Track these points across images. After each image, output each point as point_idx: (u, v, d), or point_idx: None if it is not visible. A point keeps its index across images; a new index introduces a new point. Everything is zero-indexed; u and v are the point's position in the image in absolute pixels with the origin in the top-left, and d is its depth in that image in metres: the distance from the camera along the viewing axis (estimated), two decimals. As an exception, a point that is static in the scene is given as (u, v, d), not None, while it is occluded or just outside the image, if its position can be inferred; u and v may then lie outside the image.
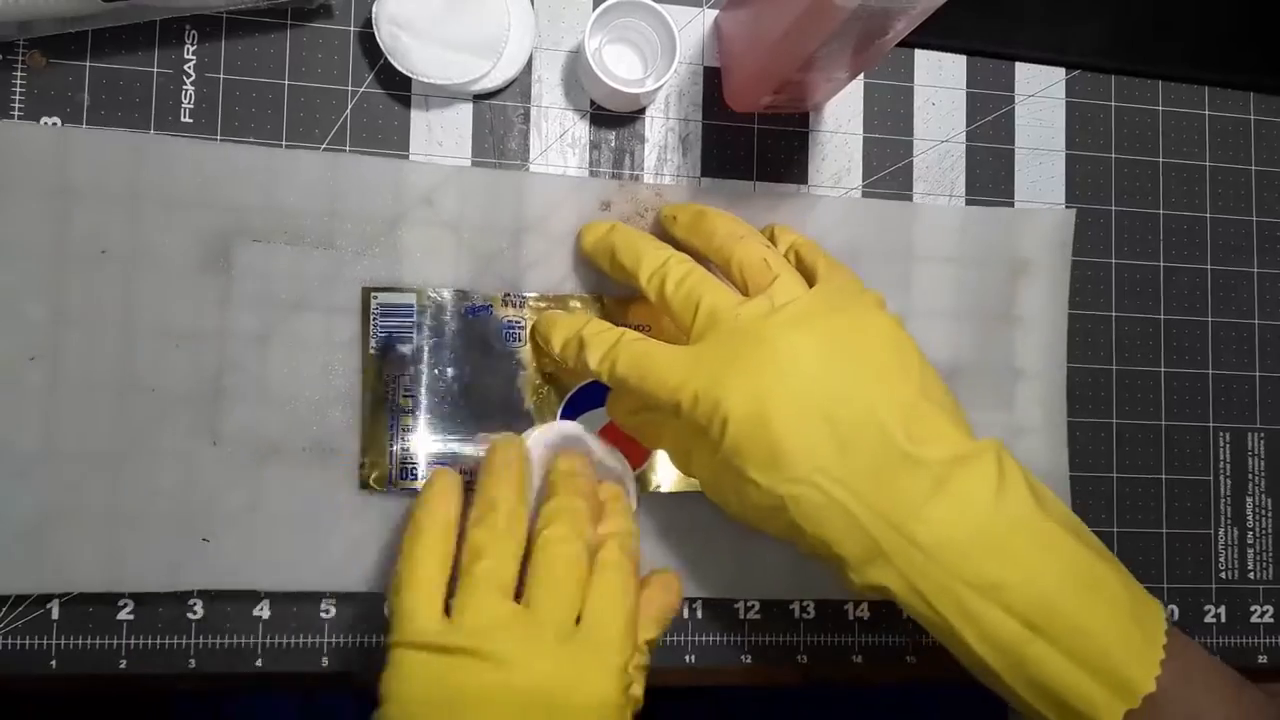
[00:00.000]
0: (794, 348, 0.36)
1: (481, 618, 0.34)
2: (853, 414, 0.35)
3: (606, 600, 0.36)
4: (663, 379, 0.37)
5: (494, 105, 0.45)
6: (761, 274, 0.38)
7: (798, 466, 0.35)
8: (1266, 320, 0.51)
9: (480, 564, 0.35)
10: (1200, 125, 0.51)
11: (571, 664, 0.34)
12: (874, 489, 0.34)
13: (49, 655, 0.42)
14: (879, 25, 0.35)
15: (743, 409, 0.35)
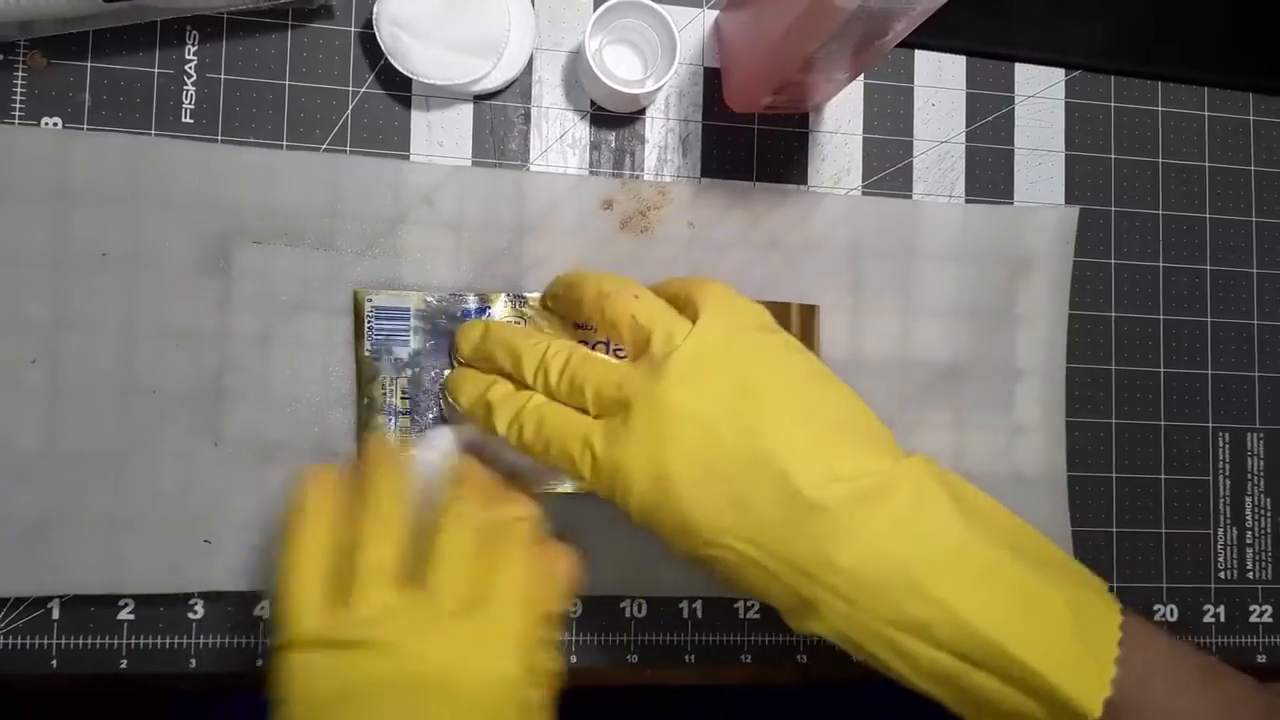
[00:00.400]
0: (682, 409, 0.35)
1: (370, 607, 0.33)
2: (751, 468, 0.34)
3: (501, 578, 0.35)
4: (565, 447, 0.36)
5: (494, 106, 0.45)
6: (635, 332, 0.37)
7: (706, 532, 0.34)
8: (1265, 321, 0.51)
9: (365, 554, 0.34)
10: (1199, 126, 0.51)
11: (467, 644, 0.34)
12: (784, 541, 0.34)
13: (49, 655, 0.42)
14: (879, 26, 0.35)
15: (643, 483, 0.35)
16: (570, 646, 0.45)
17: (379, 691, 0.33)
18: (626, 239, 0.45)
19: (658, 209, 0.45)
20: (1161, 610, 0.49)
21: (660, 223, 0.45)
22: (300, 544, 0.35)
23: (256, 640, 0.43)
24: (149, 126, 0.43)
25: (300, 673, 0.33)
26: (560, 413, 0.37)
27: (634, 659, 0.45)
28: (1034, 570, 0.34)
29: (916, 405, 0.47)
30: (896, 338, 0.47)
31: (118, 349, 0.41)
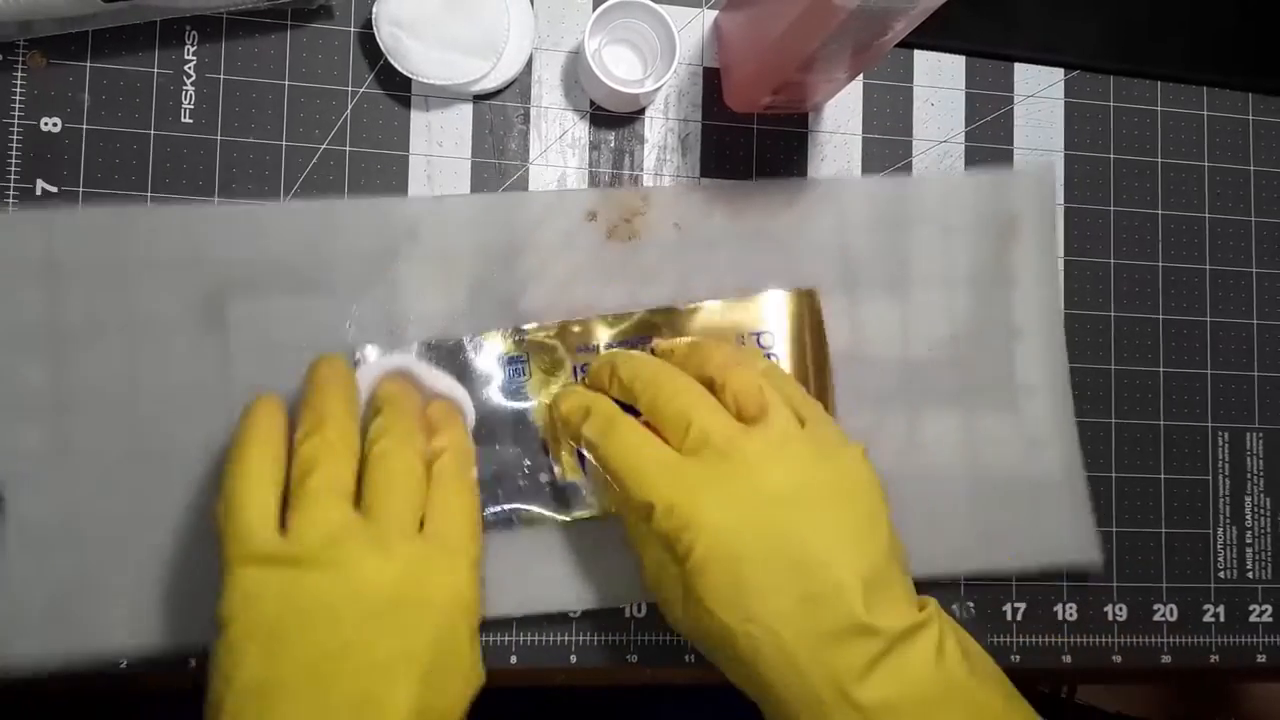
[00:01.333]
0: (778, 489, 0.36)
1: (320, 527, 0.34)
2: (822, 570, 0.35)
3: (447, 504, 0.36)
4: (645, 474, 0.37)
5: (494, 106, 0.45)
6: (757, 401, 0.38)
7: (759, 608, 0.35)
8: (1265, 320, 0.51)
9: (314, 476, 0.34)
10: (1199, 126, 0.51)
11: (419, 564, 0.34)
12: (827, 647, 0.34)
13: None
14: (878, 26, 0.35)
15: (714, 537, 0.35)
16: (570, 646, 0.45)
17: (331, 612, 0.33)
18: (615, 247, 0.45)
19: (642, 214, 0.45)
20: (1161, 610, 0.49)
21: (646, 228, 0.45)
22: (249, 462, 0.35)
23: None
24: (149, 126, 0.43)
25: (249, 591, 0.33)
26: (650, 440, 0.38)
27: (634, 659, 0.45)
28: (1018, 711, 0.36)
29: (921, 378, 0.47)
30: (894, 312, 0.47)
31: (125, 418, 0.41)
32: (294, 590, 0.33)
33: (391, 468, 0.36)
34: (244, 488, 0.34)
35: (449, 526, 0.36)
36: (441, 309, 0.43)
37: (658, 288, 0.45)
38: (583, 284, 0.44)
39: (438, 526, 0.35)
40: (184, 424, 0.41)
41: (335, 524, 0.34)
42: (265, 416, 0.36)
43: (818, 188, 0.47)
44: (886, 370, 0.46)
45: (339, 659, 0.32)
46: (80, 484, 0.41)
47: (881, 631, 0.34)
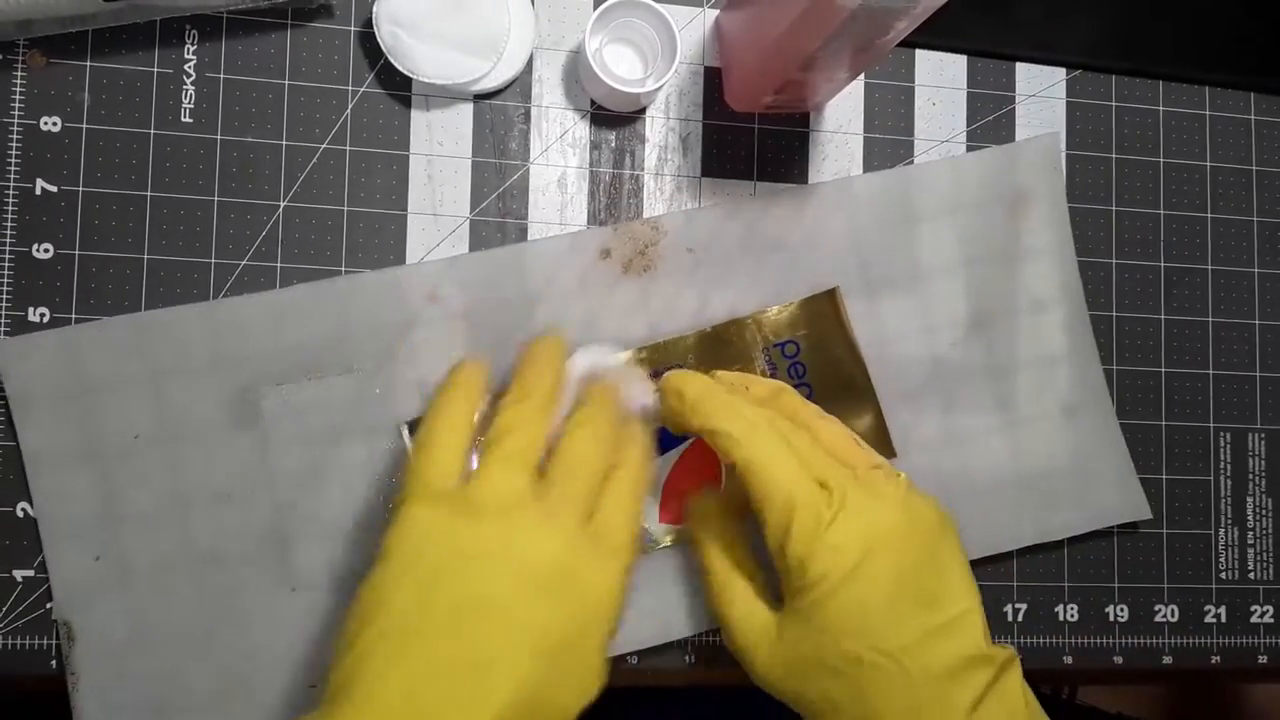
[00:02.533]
0: (910, 525, 0.37)
1: (501, 487, 0.35)
2: (949, 604, 0.36)
3: (618, 507, 0.37)
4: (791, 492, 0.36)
5: (494, 105, 0.45)
6: (856, 455, 0.39)
7: (884, 638, 0.35)
8: (1267, 320, 0.51)
9: (508, 440, 0.36)
10: (1201, 125, 0.51)
11: (582, 552, 0.35)
12: (947, 679, 0.35)
13: (49, 655, 0.41)
14: (880, 25, 0.35)
15: (851, 563, 0.35)
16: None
17: (489, 566, 0.33)
18: (632, 281, 0.45)
19: (654, 245, 0.45)
20: (1162, 611, 0.49)
21: (660, 257, 0.45)
22: (448, 410, 0.37)
23: (256, 640, 0.43)
24: (149, 126, 0.43)
25: (420, 528, 0.34)
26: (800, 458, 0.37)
27: (634, 659, 0.45)
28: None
29: (950, 365, 0.47)
30: (915, 305, 0.47)
31: (174, 525, 0.41)
32: (460, 537, 0.34)
33: (582, 453, 0.37)
34: (438, 430, 0.36)
35: (615, 527, 0.36)
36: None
37: (679, 314, 0.45)
38: (605, 322, 0.44)
39: (605, 524, 0.36)
40: (233, 523, 0.42)
41: (515, 489, 0.35)
42: (470, 375, 0.38)
43: (824, 192, 0.47)
44: (916, 364, 0.47)
45: (482, 614, 0.33)
46: (143, 597, 0.41)
47: (995, 660, 0.36)
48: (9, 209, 0.42)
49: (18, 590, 0.41)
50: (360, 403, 0.43)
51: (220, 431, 0.42)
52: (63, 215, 0.42)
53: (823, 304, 0.45)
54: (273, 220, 0.44)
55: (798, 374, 0.45)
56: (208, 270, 0.43)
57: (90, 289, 0.42)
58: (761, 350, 0.45)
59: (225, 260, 0.43)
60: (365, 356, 0.43)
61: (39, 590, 0.42)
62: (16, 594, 0.41)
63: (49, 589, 0.41)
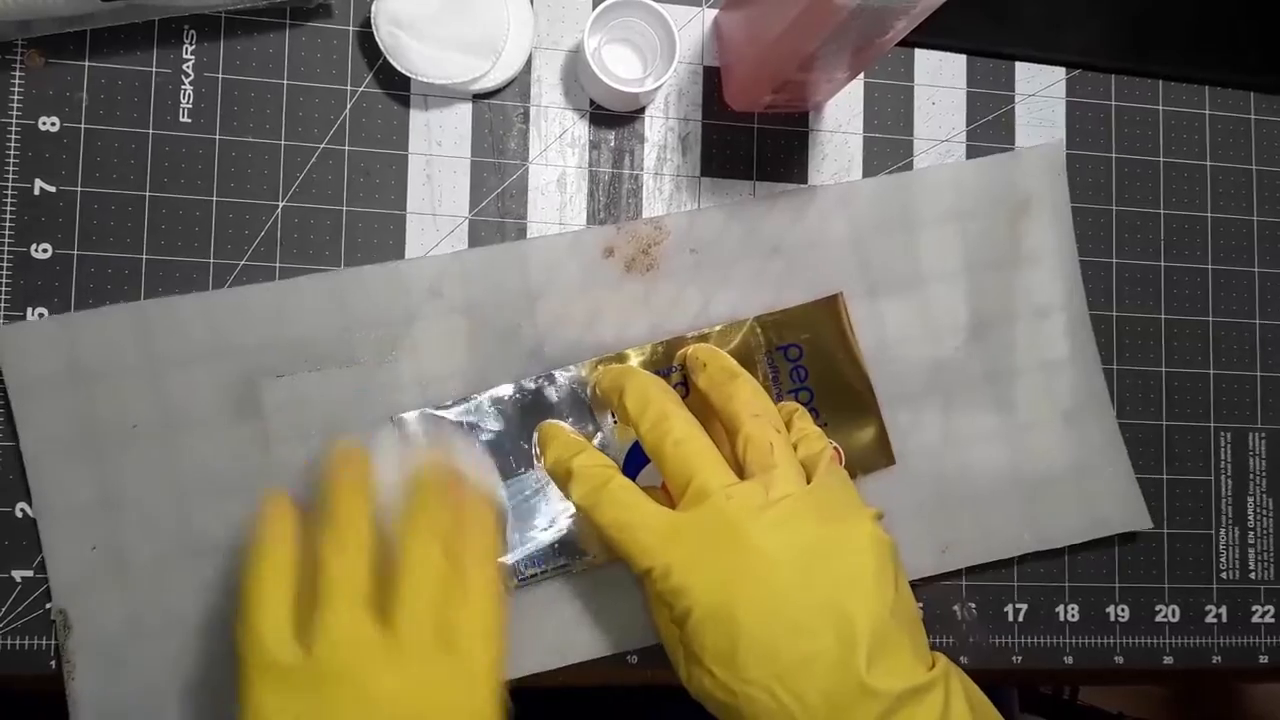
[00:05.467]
0: (775, 552, 0.35)
1: (338, 636, 0.33)
2: (821, 631, 0.35)
3: (475, 621, 0.35)
4: (639, 540, 0.36)
5: (493, 105, 0.45)
6: (764, 458, 0.38)
7: (757, 669, 0.34)
8: (1267, 320, 0.51)
9: (330, 581, 0.34)
10: (1200, 125, 0.51)
11: (441, 686, 0.33)
12: (826, 711, 0.34)
13: (48, 655, 0.41)
14: (879, 24, 0.35)
15: (711, 598, 0.35)
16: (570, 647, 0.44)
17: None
18: (634, 280, 0.45)
19: (658, 244, 0.45)
20: (1163, 611, 0.49)
21: (663, 257, 0.45)
22: (263, 568, 0.34)
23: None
24: (147, 125, 0.43)
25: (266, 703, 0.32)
26: (642, 502, 0.37)
27: (634, 659, 0.45)
28: None
29: (951, 370, 0.47)
30: (916, 309, 0.47)
31: (172, 515, 0.41)
32: (310, 702, 0.32)
33: (415, 574, 0.35)
34: (258, 597, 0.34)
35: (470, 640, 0.34)
36: (468, 364, 0.43)
37: (680, 315, 0.45)
38: (607, 320, 0.44)
39: (462, 647, 0.34)
40: (232, 511, 0.41)
41: (351, 634, 0.33)
42: (275, 521, 0.36)
43: (827, 195, 0.47)
44: (917, 368, 0.47)
45: None
46: (140, 587, 0.41)
47: (881, 694, 0.34)
48: (7, 209, 0.42)
49: (17, 590, 0.41)
50: (361, 395, 0.42)
51: (220, 422, 0.42)
52: (61, 215, 0.42)
53: (826, 310, 0.45)
54: (271, 220, 0.43)
55: (799, 378, 0.45)
56: (206, 270, 0.43)
57: (89, 289, 0.42)
58: (764, 354, 0.45)
59: (224, 260, 0.43)
60: (366, 349, 0.43)
61: (38, 590, 0.42)
62: (16, 594, 0.41)
63: (48, 589, 0.41)
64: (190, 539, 0.41)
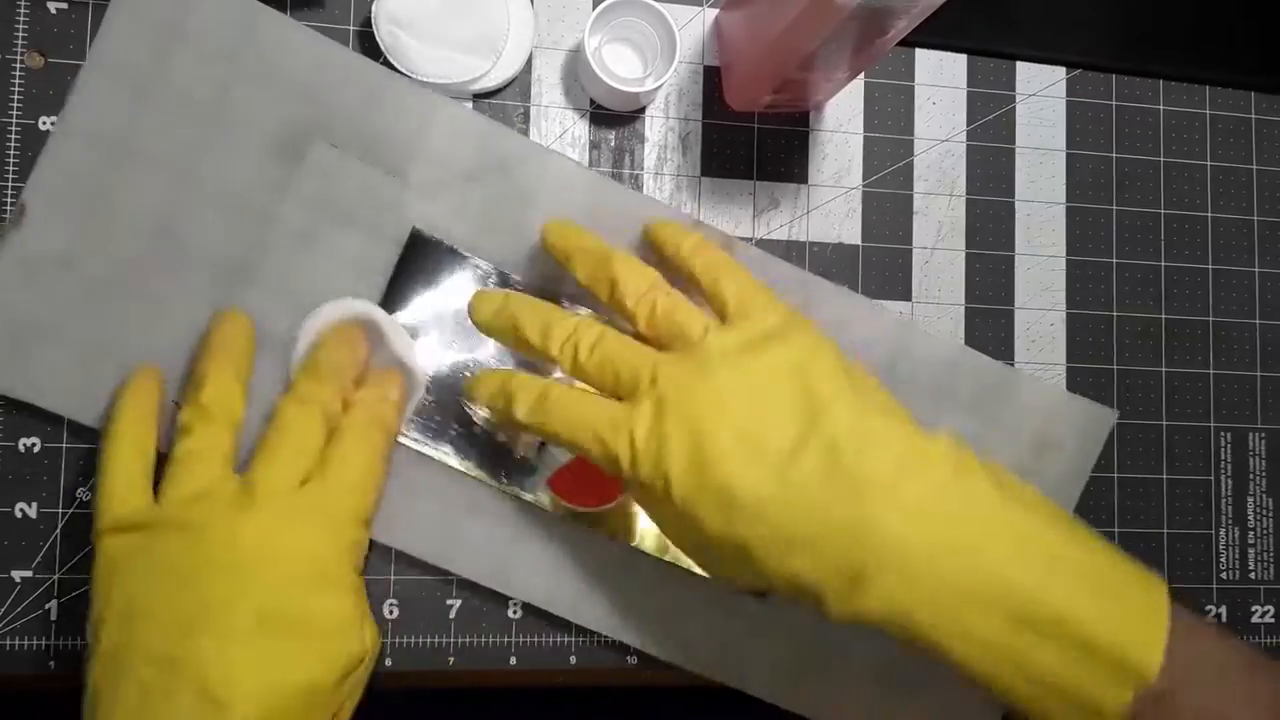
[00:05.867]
0: (724, 389, 0.35)
1: (184, 490, 0.34)
2: (795, 440, 0.34)
3: (335, 462, 0.35)
4: (596, 431, 0.36)
5: (493, 104, 0.45)
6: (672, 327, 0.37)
7: (749, 504, 0.33)
8: (1267, 320, 0.51)
9: (184, 442, 0.35)
10: (1201, 124, 0.51)
11: (283, 523, 0.34)
12: (828, 514, 0.33)
13: (47, 655, 0.41)
14: (879, 24, 0.35)
15: (684, 457, 0.34)
16: (570, 647, 0.44)
17: (185, 573, 0.33)
18: None
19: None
20: (1163, 610, 0.49)
21: None
22: (120, 430, 0.36)
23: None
24: (147, 125, 0.43)
25: (110, 561, 0.33)
26: (589, 399, 0.37)
27: (633, 660, 0.45)
28: (1073, 539, 0.34)
29: None
30: None
31: (167, 191, 0.41)
32: (151, 553, 0.33)
33: (279, 426, 0.36)
34: (110, 457, 0.35)
35: (330, 483, 0.35)
36: (496, 251, 0.43)
37: None
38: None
39: (318, 483, 0.35)
40: (215, 226, 0.42)
41: (196, 487, 0.34)
42: (137, 388, 0.37)
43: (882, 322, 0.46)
44: None
45: (190, 621, 0.32)
46: (94, 229, 0.41)
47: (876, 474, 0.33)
48: (7, 209, 0.42)
49: (16, 590, 0.41)
50: (388, 209, 0.43)
51: (258, 150, 0.42)
52: (61, 215, 0.42)
53: None
54: (271, 220, 0.43)
55: None
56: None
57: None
58: None
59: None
60: (421, 174, 0.43)
61: (37, 591, 0.41)
62: (15, 594, 0.41)
63: (47, 589, 0.41)
64: (164, 221, 0.41)
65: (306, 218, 0.42)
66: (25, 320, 0.41)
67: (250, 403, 0.39)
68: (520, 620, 0.44)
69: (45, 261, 0.41)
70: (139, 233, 0.41)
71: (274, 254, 0.42)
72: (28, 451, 0.42)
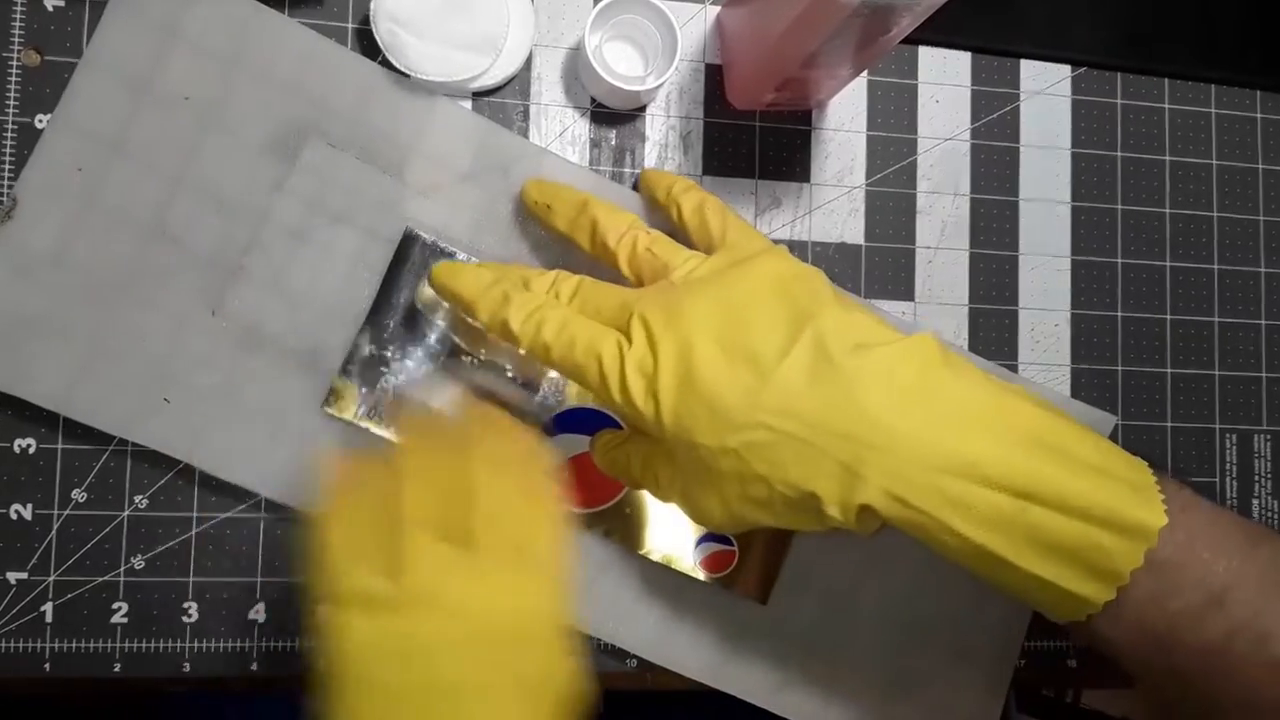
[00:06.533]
0: (708, 305, 0.35)
1: (422, 564, 0.33)
2: (777, 344, 0.34)
3: (544, 535, 0.35)
4: (595, 349, 0.36)
5: (493, 102, 0.45)
6: (651, 265, 0.38)
7: (738, 413, 0.33)
8: (1273, 321, 0.51)
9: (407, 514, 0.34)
10: (1206, 123, 0.51)
11: (522, 595, 0.34)
12: (819, 409, 0.33)
13: (42, 658, 0.41)
14: (882, 22, 0.35)
15: (672, 374, 0.34)
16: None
17: (442, 651, 0.32)
18: None
19: None
20: (1168, 614, 0.49)
21: None
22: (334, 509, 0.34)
23: (250, 643, 0.42)
24: (144, 123, 0.42)
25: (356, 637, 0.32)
26: (583, 319, 0.37)
27: (633, 663, 0.44)
28: (1062, 418, 0.35)
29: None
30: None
31: (161, 190, 0.41)
32: (400, 632, 0.32)
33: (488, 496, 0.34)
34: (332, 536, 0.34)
35: (542, 552, 0.35)
36: (492, 249, 0.43)
37: None
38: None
39: (532, 552, 0.35)
40: (209, 225, 0.42)
41: (433, 561, 0.33)
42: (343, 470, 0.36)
43: None
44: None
45: (453, 697, 0.32)
46: (88, 228, 0.41)
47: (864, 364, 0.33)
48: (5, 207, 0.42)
49: (11, 593, 0.41)
50: (383, 207, 0.43)
51: (253, 146, 0.42)
52: (57, 214, 0.42)
53: None
54: (269, 219, 0.43)
55: None
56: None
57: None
58: None
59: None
60: (417, 173, 0.43)
61: (33, 593, 0.41)
62: (10, 596, 0.41)
63: (42, 591, 0.41)
64: (157, 220, 0.41)
65: (302, 216, 0.42)
66: (15, 313, 0.40)
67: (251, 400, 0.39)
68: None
69: (36, 255, 0.41)
70: (133, 229, 0.41)
71: (268, 252, 0.42)
72: (23, 453, 0.42)
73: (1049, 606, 0.34)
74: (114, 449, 0.42)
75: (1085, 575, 0.32)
